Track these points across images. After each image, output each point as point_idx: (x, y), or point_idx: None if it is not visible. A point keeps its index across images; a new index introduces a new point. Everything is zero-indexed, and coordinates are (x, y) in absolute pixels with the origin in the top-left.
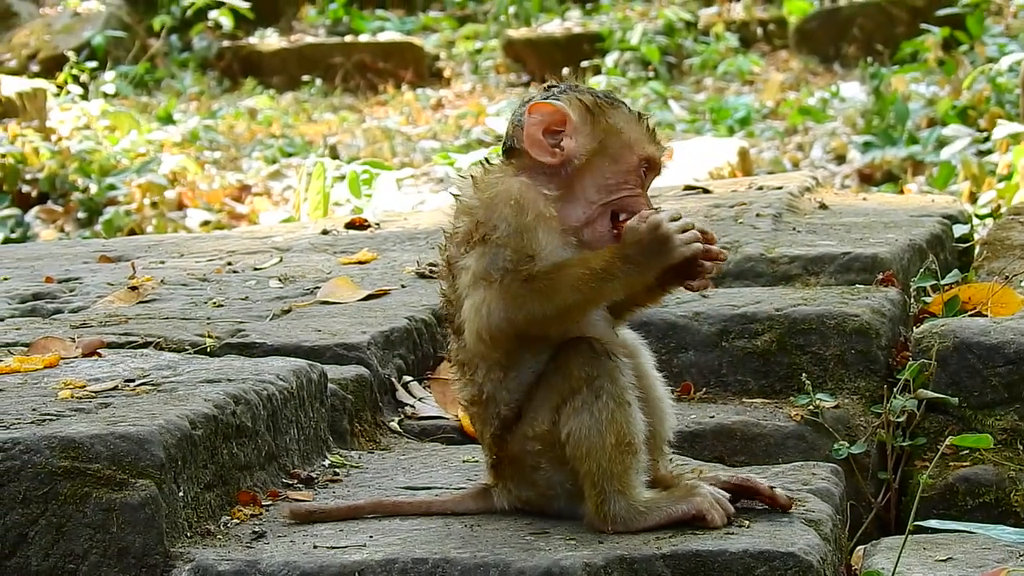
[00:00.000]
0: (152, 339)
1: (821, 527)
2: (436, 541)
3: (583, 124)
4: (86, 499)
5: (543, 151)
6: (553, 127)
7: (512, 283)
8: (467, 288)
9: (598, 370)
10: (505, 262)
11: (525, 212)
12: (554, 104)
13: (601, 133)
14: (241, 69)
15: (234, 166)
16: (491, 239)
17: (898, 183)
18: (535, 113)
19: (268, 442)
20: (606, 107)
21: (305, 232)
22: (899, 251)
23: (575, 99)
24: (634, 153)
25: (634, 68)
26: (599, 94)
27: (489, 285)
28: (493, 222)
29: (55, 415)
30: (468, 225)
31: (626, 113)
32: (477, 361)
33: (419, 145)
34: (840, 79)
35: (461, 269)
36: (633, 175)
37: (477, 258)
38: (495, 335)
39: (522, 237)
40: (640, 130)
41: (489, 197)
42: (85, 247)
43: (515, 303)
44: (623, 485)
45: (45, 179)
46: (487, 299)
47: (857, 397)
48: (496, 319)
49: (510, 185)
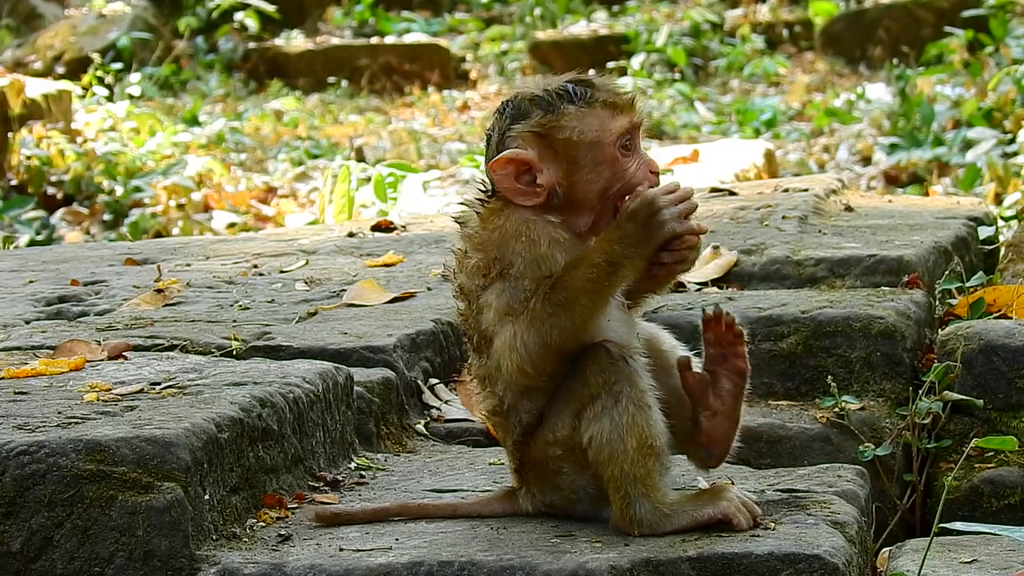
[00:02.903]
0: (178, 342)
1: (847, 529)
2: (462, 544)
3: (545, 152)
4: (111, 502)
5: (526, 196)
6: (521, 171)
7: (536, 305)
8: (494, 326)
9: (616, 375)
10: (526, 291)
11: (538, 243)
12: (508, 156)
13: (566, 151)
14: (267, 71)
15: (260, 168)
16: (509, 274)
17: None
18: (498, 170)
19: (294, 445)
20: (554, 121)
21: (331, 234)
22: (924, 253)
23: (524, 133)
24: (605, 144)
25: (660, 70)
26: (542, 103)
27: (516, 318)
28: (508, 258)
29: (80, 418)
30: (482, 261)
31: (574, 110)
32: (497, 375)
33: (445, 147)
34: (866, 81)
35: (483, 306)
36: (617, 161)
37: (498, 294)
38: (538, 364)
39: (539, 265)
40: (597, 116)
41: (499, 236)
42: (111, 249)
43: (546, 325)
44: (647, 488)
45: (71, 181)
46: (518, 332)
47: (882, 399)
48: (533, 348)
49: (516, 222)
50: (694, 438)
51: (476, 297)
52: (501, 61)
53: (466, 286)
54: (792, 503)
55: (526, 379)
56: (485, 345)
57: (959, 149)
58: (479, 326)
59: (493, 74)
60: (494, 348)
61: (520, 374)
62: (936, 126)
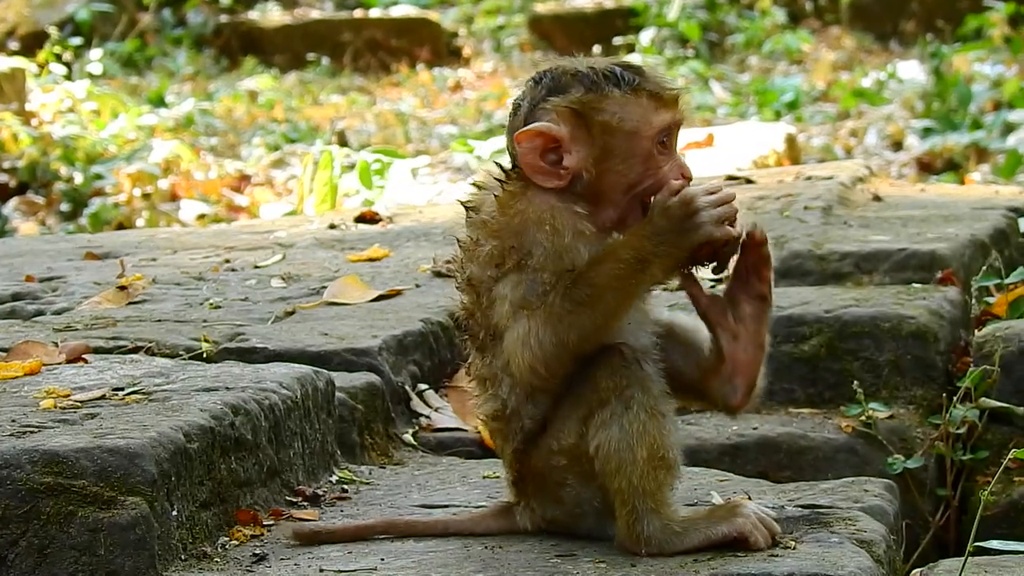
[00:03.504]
0: (143, 343)
1: (874, 548)
2: (454, 564)
3: (578, 133)
4: (71, 518)
5: (548, 176)
6: (548, 147)
7: (555, 300)
8: (507, 319)
9: (629, 379)
10: (544, 285)
11: (562, 234)
12: (538, 128)
13: (601, 135)
14: (240, 47)
15: (233, 153)
16: (527, 265)
17: (960, 172)
18: (523, 143)
19: (270, 456)
20: (596, 101)
21: (310, 226)
22: (960, 247)
23: (561, 107)
24: (643, 136)
25: (672, 46)
26: (585, 80)
27: (532, 313)
28: (527, 248)
29: (37, 427)
30: (497, 249)
31: (619, 95)
32: (502, 375)
33: (436, 130)
34: (897, 58)
35: (496, 298)
36: (652, 157)
37: (513, 286)
38: (551, 364)
39: (561, 258)
40: (641, 105)
41: (519, 222)
42: (69, 243)
43: (564, 323)
44: (657, 503)
45: (25, 168)
46: (532, 329)
47: (913, 407)
48: (548, 347)
49: (540, 208)
50: (717, 370)
51: (488, 289)
52: (497, 36)
53: (476, 276)
54: (814, 520)
55: (536, 379)
56: (492, 342)
57: (999, 133)
58: (488, 321)
59: (488, 51)
60: (504, 344)
61: (531, 373)
62: (974, 108)
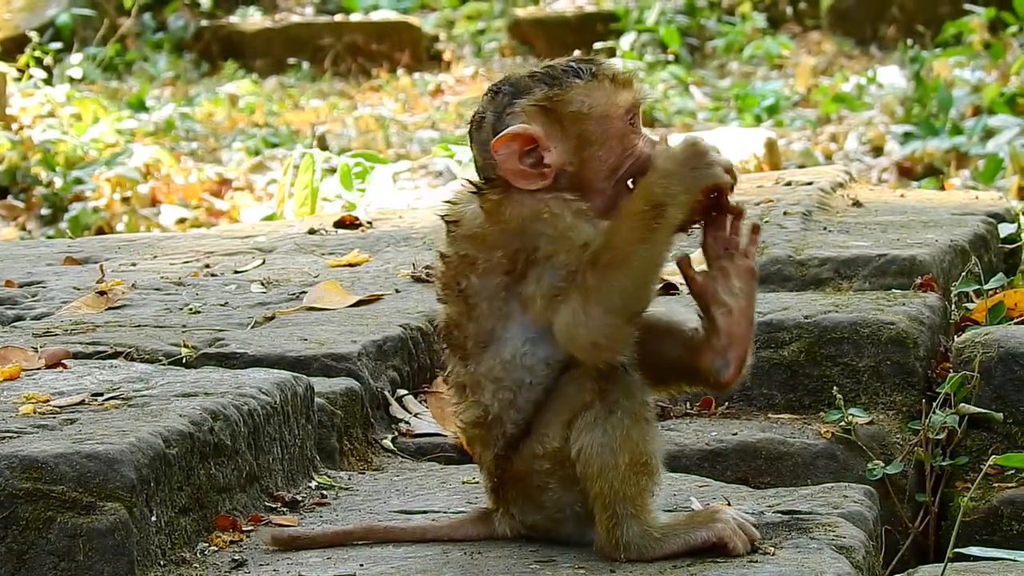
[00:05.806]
0: (122, 349)
1: (853, 554)
2: (433, 570)
3: (551, 130)
4: (50, 524)
5: (531, 179)
6: (525, 150)
7: (582, 277)
8: (546, 314)
9: (613, 383)
10: (565, 267)
11: (561, 216)
12: (513, 131)
13: (574, 126)
14: (221, 51)
15: (213, 158)
16: (537, 258)
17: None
18: (500, 149)
19: (249, 462)
20: (561, 95)
21: (290, 231)
22: (939, 253)
23: (529, 108)
24: (614, 117)
25: (652, 51)
26: (546, 78)
27: (566, 298)
28: (532, 243)
29: (15, 432)
30: (502, 256)
31: (582, 84)
32: (485, 382)
33: (416, 135)
34: (878, 63)
35: (527, 299)
36: (626, 136)
37: (536, 282)
38: (611, 335)
39: (568, 238)
40: (604, 89)
41: (516, 225)
42: (49, 247)
43: (602, 292)
44: (637, 509)
45: (5, 172)
46: (574, 310)
47: (893, 412)
48: (598, 319)
49: (532, 204)
50: (710, 343)
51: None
52: (478, 41)
53: (476, 287)
54: (794, 526)
55: (603, 355)
56: (479, 350)
57: (979, 138)
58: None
59: (469, 55)
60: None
61: (595, 351)
62: (954, 113)
